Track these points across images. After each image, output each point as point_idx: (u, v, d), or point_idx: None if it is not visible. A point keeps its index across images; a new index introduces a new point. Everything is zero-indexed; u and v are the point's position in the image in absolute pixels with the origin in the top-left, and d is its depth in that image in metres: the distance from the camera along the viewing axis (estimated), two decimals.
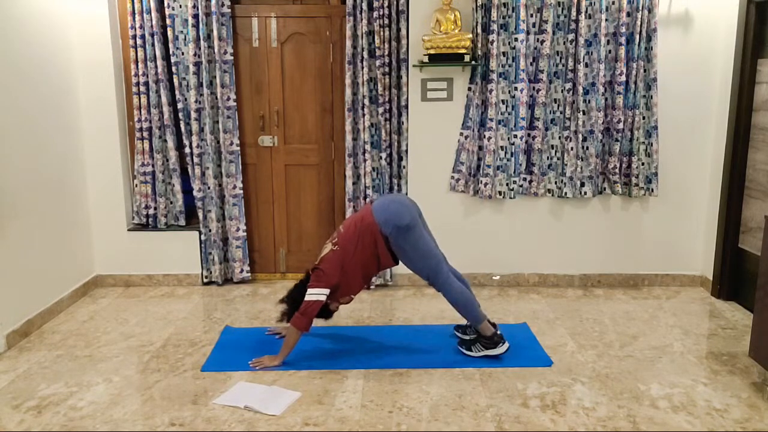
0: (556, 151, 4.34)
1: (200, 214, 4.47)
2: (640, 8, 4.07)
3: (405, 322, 3.90)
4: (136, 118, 4.39)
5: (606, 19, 4.10)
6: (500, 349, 3.32)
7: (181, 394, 2.98)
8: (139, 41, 4.27)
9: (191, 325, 3.84)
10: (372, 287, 4.48)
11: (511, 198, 4.39)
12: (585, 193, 4.33)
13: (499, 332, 3.36)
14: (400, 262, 3.32)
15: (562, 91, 4.26)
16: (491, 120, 4.23)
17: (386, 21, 4.18)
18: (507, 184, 4.35)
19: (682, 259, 4.51)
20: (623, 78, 4.16)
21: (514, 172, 4.34)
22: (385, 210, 3.23)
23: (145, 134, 4.41)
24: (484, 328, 3.32)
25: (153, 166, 4.47)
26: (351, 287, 3.33)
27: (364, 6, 4.17)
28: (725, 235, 4.20)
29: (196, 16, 4.21)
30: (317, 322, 3.65)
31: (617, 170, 4.30)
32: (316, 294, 3.19)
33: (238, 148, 4.43)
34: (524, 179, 4.38)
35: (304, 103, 4.52)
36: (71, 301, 4.19)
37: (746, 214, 4.11)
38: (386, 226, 3.18)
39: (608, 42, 4.15)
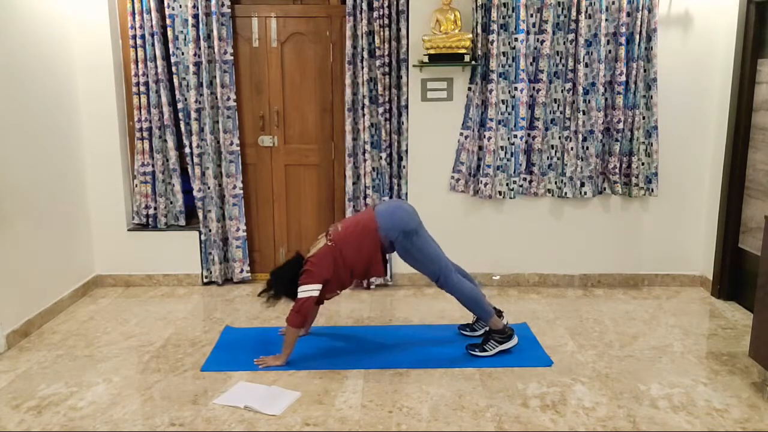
0: (556, 151, 4.34)
1: (200, 214, 4.47)
2: (640, 8, 4.07)
3: (405, 322, 3.90)
4: (136, 118, 4.39)
5: (606, 19, 4.10)
6: (513, 342, 3.37)
7: (181, 394, 2.98)
8: (139, 41, 4.27)
9: (191, 325, 3.84)
10: (372, 287, 4.48)
11: (511, 198, 4.39)
12: (585, 193, 4.33)
13: (508, 323, 3.42)
14: (408, 267, 3.39)
15: (562, 91, 4.26)
16: (491, 120, 4.23)
17: (386, 21, 4.17)
18: (507, 184, 4.35)
19: (682, 259, 4.51)
20: (623, 78, 4.15)
21: (514, 172, 4.34)
22: (390, 216, 3.28)
23: (145, 134, 4.41)
24: (495, 321, 3.35)
25: (153, 166, 4.47)
26: (342, 283, 3.36)
27: (364, 6, 4.17)
28: (725, 235, 4.20)
29: (196, 16, 4.21)
30: (318, 322, 3.67)
31: (617, 170, 4.30)
32: (308, 290, 3.21)
33: (238, 148, 4.43)
34: (524, 179, 4.38)
35: (304, 103, 4.52)
36: (71, 301, 4.19)
37: (746, 214, 4.11)
38: (393, 232, 3.23)
39: (608, 42, 4.15)
